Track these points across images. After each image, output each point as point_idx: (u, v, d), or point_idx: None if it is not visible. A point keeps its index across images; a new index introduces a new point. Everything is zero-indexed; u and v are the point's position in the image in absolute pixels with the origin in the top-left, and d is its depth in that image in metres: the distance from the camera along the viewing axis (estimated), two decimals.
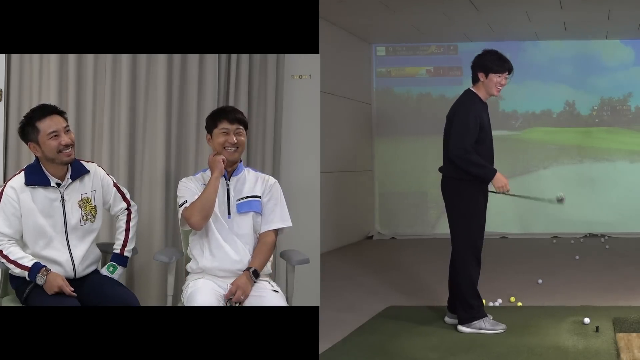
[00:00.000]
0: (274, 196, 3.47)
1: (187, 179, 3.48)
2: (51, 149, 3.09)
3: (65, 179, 3.19)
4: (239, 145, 3.39)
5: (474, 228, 4.01)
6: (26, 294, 3.13)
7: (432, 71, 8.97)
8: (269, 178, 3.52)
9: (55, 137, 3.09)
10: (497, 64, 3.98)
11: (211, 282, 3.28)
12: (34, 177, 3.14)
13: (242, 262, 3.32)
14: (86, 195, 3.24)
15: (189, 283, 3.34)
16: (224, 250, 3.32)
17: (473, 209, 3.99)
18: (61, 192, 3.17)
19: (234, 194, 3.41)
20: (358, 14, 7.34)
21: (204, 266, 3.34)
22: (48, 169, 3.15)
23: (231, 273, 3.30)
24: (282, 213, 3.46)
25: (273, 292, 3.25)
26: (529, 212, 8.64)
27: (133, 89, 4.12)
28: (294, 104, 4.68)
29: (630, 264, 6.32)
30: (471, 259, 4.00)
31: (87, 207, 3.23)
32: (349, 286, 5.56)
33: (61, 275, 3.13)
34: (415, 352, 3.67)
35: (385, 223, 8.95)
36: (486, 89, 4.02)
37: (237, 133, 3.39)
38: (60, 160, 3.12)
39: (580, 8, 7.13)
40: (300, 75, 4.69)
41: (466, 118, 3.95)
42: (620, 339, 3.77)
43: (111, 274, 3.30)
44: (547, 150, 8.85)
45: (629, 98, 8.77)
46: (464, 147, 3.90)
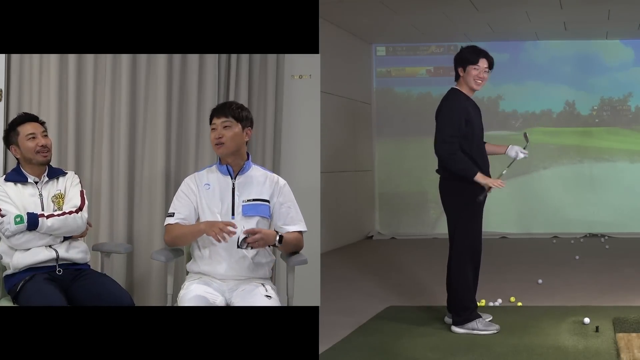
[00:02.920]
0: (288, 198, 3.38)
1: (189, 178, 3.39)
2: (29, 149, 3.37)
3: (42, 177, 3.43)
4: (225, 140, 3.24)
5: (471, 230, 3.97)
6: (15, 293, 3.22)
7: (432, 71, 8.98)
8: (278, 179, 3.41)
9: (32, 138, 3.38)
10: (471, 55, 3.96)
11: (204, 287, 3.21)
12: (13, 176, 3.41)
13: (242, 266, 3.26)
14: (59, 191, 3.43)
15: (184, 285, 3.29)
16: (222, 256, 3.25)
17: (470, 211, 3.96)
18: (39, 188, 3.40)
19: (240, 194, 3.30)
20: (358, 14, 7.34)
21: (203, 270, 3.29)
22: (26, 170, 3.41)
23: (228, 277, 3.26)
24: (299, 215, 3.39)
25: (265, 298, 3.14)
26: (529, 212, 8.65)
27: (133, 89, 4.13)
28: (294, 103, 4.68)
29: (630, 264, 6.31)
30: (468, 261, 3.96)
31: (60, 202, 3.41)
32: (348, 286, 5.56)
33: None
34: (415, 352, 3.66)
35: (385, 223, 8.95)
36: (467, 83, 3.98)
37: (224, 127, 3.25)
38: (36, 160, 3.38)
39: (580, 8, 7.13)
40: (300, 75, 4.69)
41: (449, 112, 3.92)
42: (620, 339, 3.76)
43: (15, 224, 3.24)
44: (547, 150, 8.85)
45: (629, 98, 8.77)
46: (444, 139, 3.86)
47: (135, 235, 4.15)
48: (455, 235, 4.00)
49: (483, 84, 4.01)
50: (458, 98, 3.99)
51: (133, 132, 4.14)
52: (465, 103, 3.97)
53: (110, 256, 3.63)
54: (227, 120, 3.26)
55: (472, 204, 3.92)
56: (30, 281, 3.21)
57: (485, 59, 3.97)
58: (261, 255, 3.32)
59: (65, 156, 3.99)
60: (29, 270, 3.27)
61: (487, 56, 3.99)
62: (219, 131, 3.26)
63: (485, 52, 4.00)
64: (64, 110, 3.97)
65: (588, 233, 8.52)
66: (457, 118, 3.90)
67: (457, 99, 3.99)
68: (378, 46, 9.05)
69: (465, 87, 4.01)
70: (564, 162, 8.87)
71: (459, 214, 3.98)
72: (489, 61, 3.99)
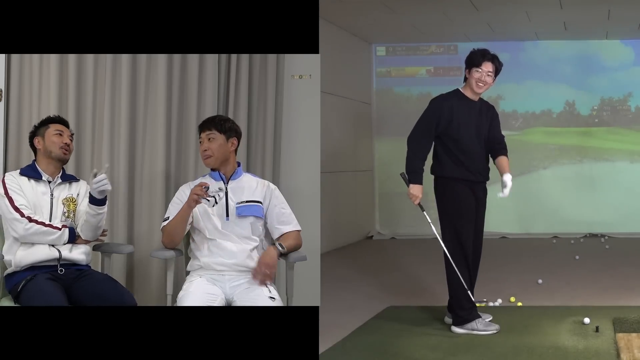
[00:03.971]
0: (280, 200, 3.55)
1: (185, 185, 3.54)
2: (53, 143, 3.42)
3: (56, 178, 3.45)
4: (211, 152, 3.42)
5: (461, 228, 3.94)
6: (16, 292, 3.22)
7: (432, 71, 8.98)
8: (269, 183, 3.59)
9: (59, 135, 3.45)
10: (476, 57, 3.94)
11: (205, 284, 3.31)
12: (28, 171, 3.43)
13: (240, 256, 3.36)
14: (71, 195, 3.46)
15: (184, 286, 3.37)
16: (221, 246, 3.37)
17: (459, 209, 3.95)
18: (51, 188, 3.42)
19: (233, 197, 3.44)
20: (358, 14, 7.34)
21: (203, 262, 3.39)
22: (41, 167, 3.43)
23: (229, 267, 3.35)
24: (292, 215, 3.55)
25: (269, 300, 3.24)
26: (529, 212, 8.65)
27: (133, 89, 4.12)
28: (294, 104, 4.68)
29: (630, 264, 6.32)
30: (460, 260, 3.93)
31: (70, 206, 3.43)
32: (348, 286, 5.56)
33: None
34: (415, 352, 3.66)
35: (385, 223, 8.95)
36: (469, 85, 3.98)
37: (208, 139, 3.44)
38: (56, 154, 3.42)
39: (580, 8, 7.13)
40: (300, 75, 4.69)
41: (425, 111, 4.01)
42: (620, 339, 3.76)
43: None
44: (547, 150, 8.85)
45: (629, 98, 8.77)
46: (411, 136, 3.99)
47: (136, 236, 4.15)
48: (445, 234, 3.99)
49: (485, 88, 3.97)
50: (444, 97, 3.99)
51: (133, 132, 4.14)
52: (453, 104, 3.95)
53: (110, 256, 3.63)
54: (211, 132, 3.44)
55: (457, 202, 3.94)
56: (32, 281, 3.21)
57: (490, 63, 3.93)
58: (259, 250, 3.45)
59: None
60: (30, 269, 3.27)
61: (494, 60, 3.95)
62: (205, 144, 3.45)
63: (493, 56, 3.96)
64: (64, 111, 3.97)
65: (588, 233, 8.52)
66: (431, 115, 3.96)
67: (447, 98, 3.99)
68: (378, 46, 9.04)
69: (468, 89, 4.01)
70: (564, 162, 8.87)
71: (445, 213, 3.99)
72: (494, 65, 3.95)
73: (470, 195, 3.98)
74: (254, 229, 3.44)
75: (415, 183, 3.96)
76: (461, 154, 3.95)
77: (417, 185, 3.96)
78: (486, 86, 3.97)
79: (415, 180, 3.96)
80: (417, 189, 3.96)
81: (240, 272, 3.36)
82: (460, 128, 3.94)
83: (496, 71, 3.98)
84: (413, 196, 3.97)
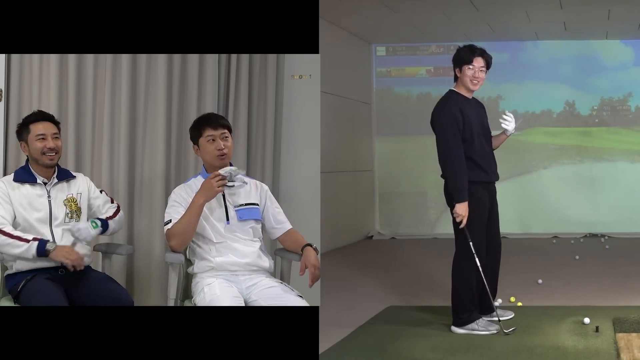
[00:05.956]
0: (273, 199, 3.54)
1: (179, 188, 3.44)
2: (36, 150, 3.31)
3: (52, 179, 3.37)
4: (227, 151, 3.35)
5: (475, 233, 3.91)
6: (17, 291, 3.20)
7: (432, 71, 8.98)
8: (261, 184, 3.57)
9: (41, 139, 3.31)
10: (466, 54, 3.91)
11: (228, 287, 3.24)
12: (22, 175, 3.35)
13: (252, 255, 3.33)
14: (72, 195, 3.40)
15: (203, 287, 3.25)
16: (231, 247, 3.32)
17: (480, 213, 3.92)
18: (47, 190, 3.34)
19: (231, 199, 3.39)
20: (358, 14, 7.34)
21: (215, 263, 3.30)
22: (35, 170, 3.35)
23: (242, 267, 3.31)
24: (283, 213, 3.56)
25: (299, 298, 3.23)
26: (529, 212, 8.65)
27: (133, 89, 4.13)
28: (294, 104, 4.68)
29: (630, 264, 6.31)
30: (471, 264, 3.91)
31: (72, 206, 3.38)
32: (349, 286, 5.56)
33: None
34: (415, 352, 3.66)
35: (385, 223, 8.95)
36: (463, 84, 3.93)
37: (223, 138, 3.36)
38: (42, 162, 3.32)
39: (580, 8, 7.13)
40: (300, 75, 4.69)
41: (440, 124, 3.87)
42: (620, 339, 3.76)
43: (93, 228, 3.32)
44: (547, 150, 8.85)
45: (629, 98, 8.77)
46: (446, 154, 3.84)
47: (136, 236, 4.15)
48: (459, 238, 3.96)
49: (480, 84, 3.94)
50: (450, 101, 3.92)
51: (133, 132, 4.14)
52: (459, 106, 3.90)
53: (110, 257, 3.63)
54: (224, 131, 3.39)
55: (477, 206, 3.88)
56: (32, 281, 3.20)
57: (480, 58, 3.90)
58: (264, 250, 3.45)
59: (65, 156, 3.98)
60: (31, 269, 3.25)
61: (483, 54, 3.92)
62: (220, 143, 3.35)
63: (482, 50, 3.94)
64: (64, 111, 3.97)
65: (588, 233, 8.51)
66: (450, 123, 3.83)
67: (448, 101, 3.92)
68: (378, 46, 9.04)
69: (463, 88, 3.96)
70: (564, 162, 8.86)
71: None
72: (485, 59, 3.92)
73: (486, 197, 3.98)
74: (255, 231, 3.42)
75: (462, 202, 3.82)
76: (475, 154, 3.90)
77: (464, 203, 3.82)
78: (480, 82, 3.94)
79: (462, 198, 3.82)
80: (464, 208, 3.82)
81: (253, 272, 3.33)
82: (472, 129, 3.90)
83: (487, 65, 3.94)
84: (460, 216, 3.83)
